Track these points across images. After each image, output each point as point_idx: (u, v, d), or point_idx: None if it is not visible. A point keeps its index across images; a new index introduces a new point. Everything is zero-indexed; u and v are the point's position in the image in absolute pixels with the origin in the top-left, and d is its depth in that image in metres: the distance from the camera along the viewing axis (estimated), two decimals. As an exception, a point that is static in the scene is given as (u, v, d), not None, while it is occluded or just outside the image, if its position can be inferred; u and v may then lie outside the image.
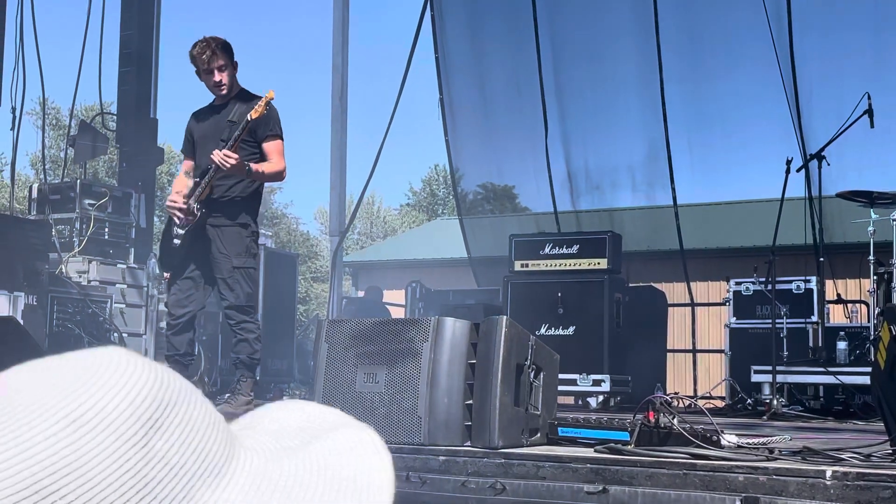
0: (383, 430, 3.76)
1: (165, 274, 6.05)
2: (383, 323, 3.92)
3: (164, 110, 10.60)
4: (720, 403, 9.03)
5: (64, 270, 8.08)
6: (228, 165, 5.43)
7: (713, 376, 11.07)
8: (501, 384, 3.58)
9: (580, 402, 8.64)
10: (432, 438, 3.67)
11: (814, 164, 7.71)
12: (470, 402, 3.67)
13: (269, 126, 5.70)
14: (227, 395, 6.08)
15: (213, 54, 5.70)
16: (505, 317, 3.66)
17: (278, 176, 5.81)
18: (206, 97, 6.10)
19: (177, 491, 0.59)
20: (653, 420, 3.56)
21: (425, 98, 14.58)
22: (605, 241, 8.49)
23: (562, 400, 9.27)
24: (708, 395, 9.51)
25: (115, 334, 8.14)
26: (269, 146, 5.71)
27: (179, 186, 5.90)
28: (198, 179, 5.72)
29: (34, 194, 8.64)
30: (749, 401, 8.05)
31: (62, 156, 10.45)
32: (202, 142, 5.82)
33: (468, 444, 3.66)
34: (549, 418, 3.87)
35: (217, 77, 5.72)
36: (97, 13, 9.40)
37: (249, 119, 5.48)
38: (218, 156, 5.43)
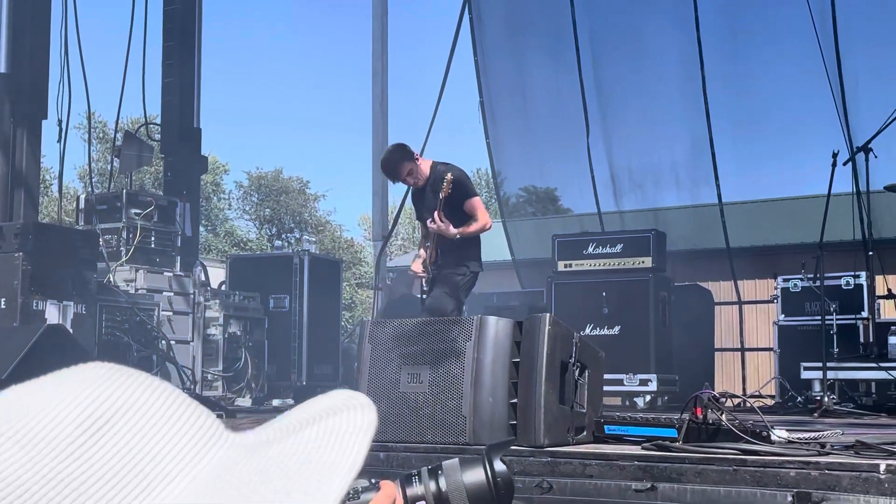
0: (428, 431, 3.75)
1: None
2: (426, 323, 3.91)
3: (207, 120, 10.71)
4: (770, 402, 8.90)
5: (112, 279, 8.18)
6: (439, 231, 6.49)
7: (762, 375, 10.93)
8: (546, 382, 3.56)
9: (627, 403, 8.57)
10: (477, 438, 3.65)
11: (861, 157, 7.58)
12: (514, 400, 3.65)
13: (464, 192, 6.66)
14: None
15: (392, 174, 6.77)
16: (549, 314, 3.63)
17: (483, 229, 6.81)
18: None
19: (109, 497, 0.61)
20: (700, 416, 3.51)
21: (466, 102, 14.56)
22: (649, 240, 8.43)
23: (608, 400, 9.20)
24: (757, 393, 9.39)
25: (163, 342, 8.22)
26: (468, 206, 6.67)
27: (421, 251, 7.06)
28: (427, 244, 6.85)
29: (81, 205, 8.75)
30: (800, 398, 7.93)
31: (109, 168, 10.57)
32: (423, 216, 6.89)
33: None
34: (595, 416, 3.83)
35: (411, 182, 6.78)
36: (140, 25, 9.52)
37: (441, 199, 6.44)
38: (433, 226, 6.50)
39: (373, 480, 1.84)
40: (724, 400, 3.51)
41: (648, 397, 8.11)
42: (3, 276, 7.08)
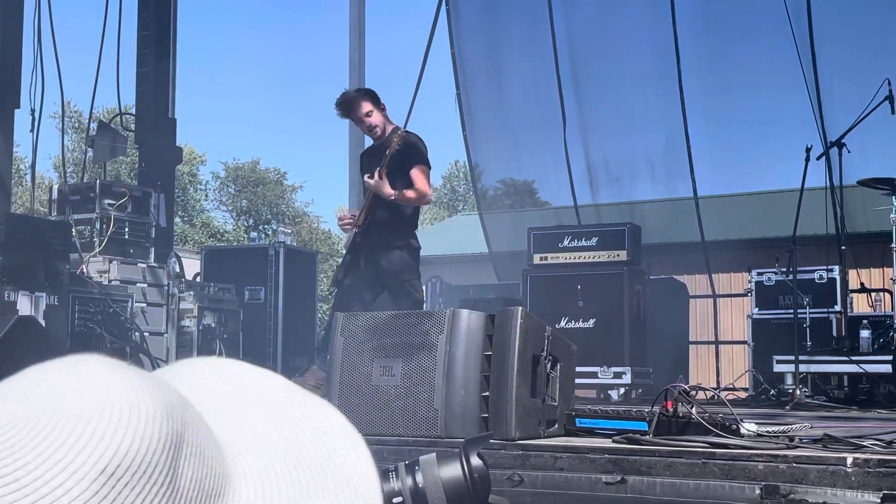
0: (400, 424, 3.75)
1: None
2: (399, 316, 3.91)
3: (184, 111, 10.65)
4: (743, 395, 8.97)
5: (85, 270, 8.11)
6: (374, 186, 6.20)
7: (736, 368, 11.01)
8: (517, 375, 3.56)
9: (602, 396, 8.61)
10: (449, 431, 3.65)
11: (834, 151, 7.63)
12: (486, 393, 3.66)
13: (413, 155, 6.41)
14: None
15: (348, 108, 6.44)
16: (520, 308, 3.64)
17: (422, 199, 6.49)
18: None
19: None
20: (671, 409, 3.53)
21: (444, 95, 14.56)
22: (624, 233, 8.46)
23: (584, 393, 9.25)
24: (731, 386, 9.46)
25: (137, 333, 8.17)
26: (413, 172, 6.36)
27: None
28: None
29: (54, 195, 8.68)
30: (773, 392, 7.99)
31: (83, 158, 10.48)
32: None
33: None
34: (566, 409, 3.85)
35: (363, 127, 6.52)
36: (114, 15, 9.44)
37: (388, 153, 6.21)
38: (370, 180, 6.24)
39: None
40: (694, 393, 3.53)
41: (622, 390, 8.15)
42: (-26, 266, 7.02)
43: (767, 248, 11.48)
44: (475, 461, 1.85)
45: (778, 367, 7.64)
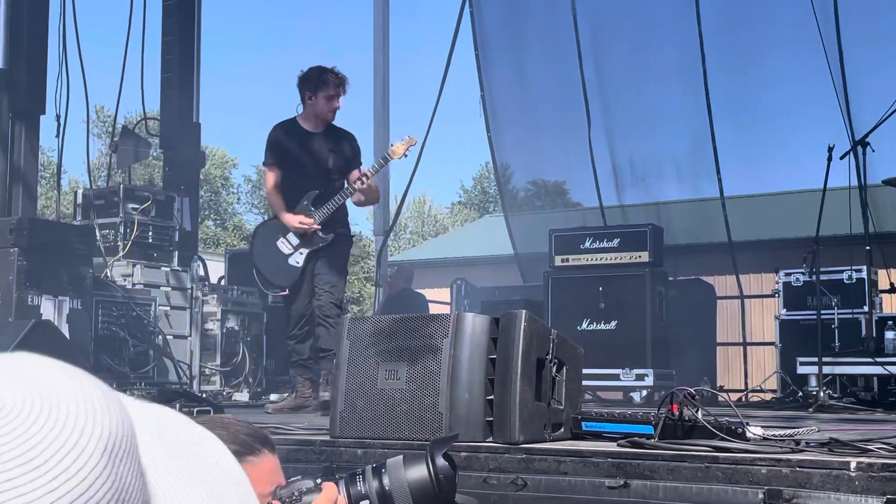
0: (405, 427, 3.75)
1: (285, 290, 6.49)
2: (404, 319, 3.90)
3: (216, 115, 10.73)
4: (768, 397, 8.88)
5: (109, 274, 8.19)
6: (369, 190, 6.12)
7: (766, 369, 10.89)
8: (521, 379, 3.54)
9: (627, 397, 8.56)
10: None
11: (858, 150, 7.53)
12: (491, 397, 3.64)
13: (359, 156, 6.38)
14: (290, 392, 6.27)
15: (346, 84, 6.32)
16: (524, 311, 3.62)
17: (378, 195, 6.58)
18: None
19: None
20: (677, 413, 3.50)
21: (467, 96, 14.54)
22: (646, 234, 8.40)
23: (609, 395, 9.20)
24: (759, 388, 9.36)
25: (160, 337, 8.24)
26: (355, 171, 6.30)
27: (279, 202, 6.39)
28: (310, 206, 6.26)
29: (79, 200, 8.77)
30: (800, 393, 7.90)
31: (107, 163, 10.57)
32: (298, 162, 6.34)
33: (490, 439, 3.63)
34: (572, 413, 3.82)
35: (337, 105, 6.33)
36: (138, 21, 9.52)
37: (389, 157, 6.17)
38: (369, 183, 6.09)
39: (317, 481, 1.83)
40: (699, 396, 3.49)
41: (645, 392, 8.09)
42: (-2, 271, 7.10)
43: (795, 248, 11.35)
44: (441, 462, 1.85)
45: (801, 369, 7.55)
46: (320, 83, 6.28)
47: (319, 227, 6.23)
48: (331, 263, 6.26)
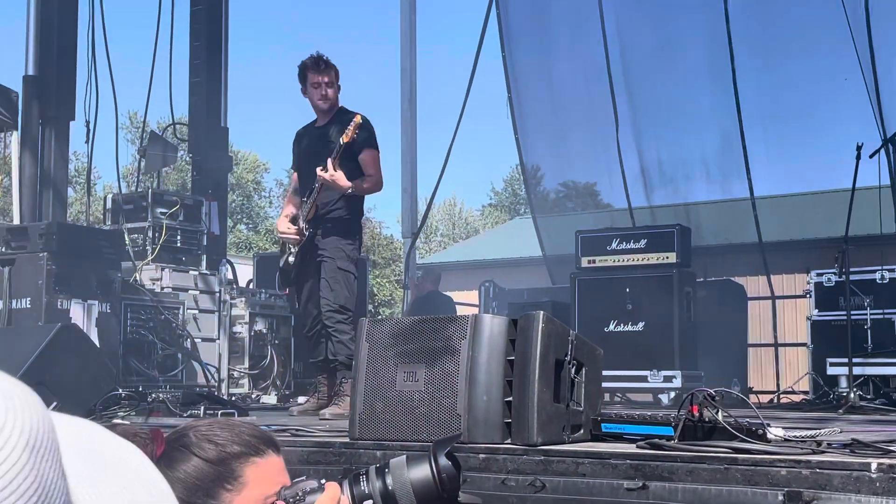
0: (424, 429, 3.74)
1: (285, 290, 6.40)
2: (422, 321, 3.89)
3: (247, 119, 10.81)
4: (798, 398, 8.79)
5: (138, 278, 8.26)
6: (331, 181, 5.78)
7: (799, 370, 10.78)
8: (539, 380, 3.52)
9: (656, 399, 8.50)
10: (472, 436, 3.63)
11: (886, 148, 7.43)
12: (509, 399, 3.62)
13: (364, 140, 5.97)
14: (334, 398, 6.05)
15: (327, 66, 6.07)
16: (542, 312, 3.60)
17: (377, 187, 6.08)
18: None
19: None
20: (697, 414, 3.46)
21: (494, 98, 14.53)
22: (674, 235, 8.34)
23: (638, 397, 9.14)
24: (790, 389, 9.27)
25: (188, 340, 8.29)
26: (365, 158, 5.99)
27: (288, 208, 6.33)
28: (304, 199, 6.09)
29: (108, 205, 8.85)
30: (831, 395, 7.81)
31: (137, 167, 10.67)
32: (307, 161, 6.17)
33: (508, 441, 3.62)
34: (592, 414, 3.79)
35: (324, 91, 6.05)
36: (166, 27, 9.60)
37: (341, 143, 5.78)
38: (324, 174, 5.78)
39: (321, 482, 1.83)
40: (719, 397, 3.45)
41: (673, 394, 8.03)
42: (28, 275, 7.19)
43: (827, 248, 11.22)
44: (443, 462, 1.84)
45: (831, 370, 7.48)
46: (303, 76, 6.15)
47: (296, 233, 6.05)
48: (326, 270, 6.01)
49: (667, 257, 8.28)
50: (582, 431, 3.75)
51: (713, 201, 11.95)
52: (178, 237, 8.70)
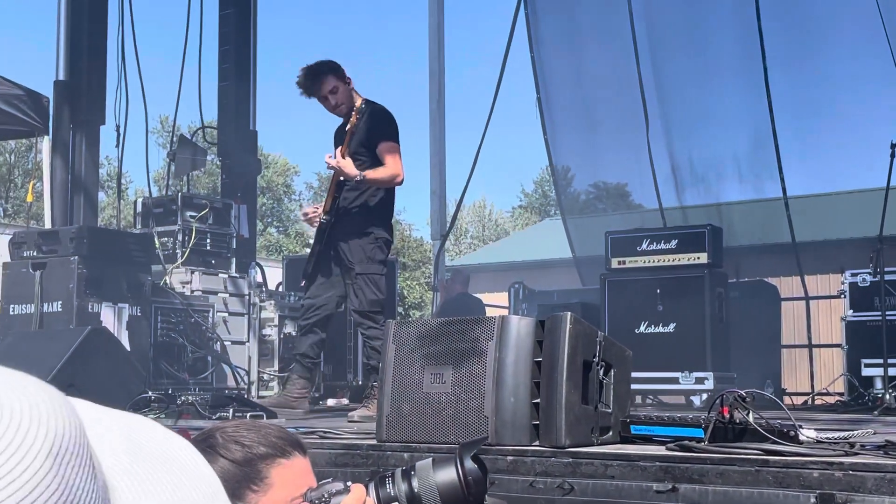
0: (451, 431, 3.71)
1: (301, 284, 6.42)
2: (449, 323, 3.87)
3: (277, 123, 10.86)
4: (832, 400, 8.67)
5: (168, 282, 8.30)
6: (337, 167, 5.68)
7: (834, 371, 10.64)
8: (567, 382, 3.49)
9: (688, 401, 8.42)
10: (499, 438, 3.60)
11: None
12: (537, 400, 3.59)
13: (379, 131, 5.82)
14: (364, 401, 6.04)
15: (313, 84, 5.93)
16: (569, 313, 3.57)
17: (393, 179, 5.89)
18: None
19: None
20: (727, 416, 3.41)
21: (523, 98, 14.48)
22: (705, 235, 8.25)
23: (670, 399, 9.06)
24: (825, 391, 9.15)
25: (218, 343, 8.32)
26: (381, 149, 5.85)
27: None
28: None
29: (139, 209, 8.90)
30: (867, 396, 7.70)
31: (166, 171, 10.74)
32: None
33: (536, 443, 3.58)
34: (621, 416, 3.75)
35: (330, 102, 5.95)
36: (195, 31, 9.66)
37: (348, 129, 5.70)
38: (331, 160, 5.73)
39: (347, 484, 1.82)
40: (750, 399, 3.40)
41: (705, 395, 7.94)
42: (59, 279, 7.24)
43: (861, 247, 11.07)
44: (469, 464, 1.82)
45: (866, 371, 7.37)
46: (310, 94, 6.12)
47: (314, 211, 6.05)
48: (348, 277, 5.96)
49: (698, 258, 8.19)
50: (611, 433, 3.71)
51: (745, 201, 11.82)
52: (208, 240, 8.73)
